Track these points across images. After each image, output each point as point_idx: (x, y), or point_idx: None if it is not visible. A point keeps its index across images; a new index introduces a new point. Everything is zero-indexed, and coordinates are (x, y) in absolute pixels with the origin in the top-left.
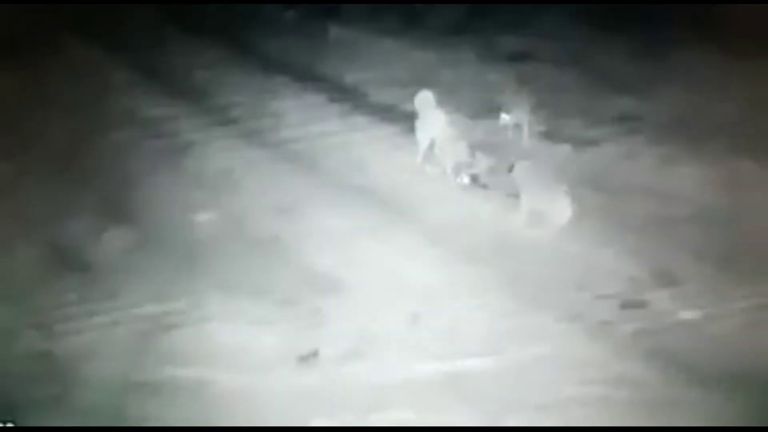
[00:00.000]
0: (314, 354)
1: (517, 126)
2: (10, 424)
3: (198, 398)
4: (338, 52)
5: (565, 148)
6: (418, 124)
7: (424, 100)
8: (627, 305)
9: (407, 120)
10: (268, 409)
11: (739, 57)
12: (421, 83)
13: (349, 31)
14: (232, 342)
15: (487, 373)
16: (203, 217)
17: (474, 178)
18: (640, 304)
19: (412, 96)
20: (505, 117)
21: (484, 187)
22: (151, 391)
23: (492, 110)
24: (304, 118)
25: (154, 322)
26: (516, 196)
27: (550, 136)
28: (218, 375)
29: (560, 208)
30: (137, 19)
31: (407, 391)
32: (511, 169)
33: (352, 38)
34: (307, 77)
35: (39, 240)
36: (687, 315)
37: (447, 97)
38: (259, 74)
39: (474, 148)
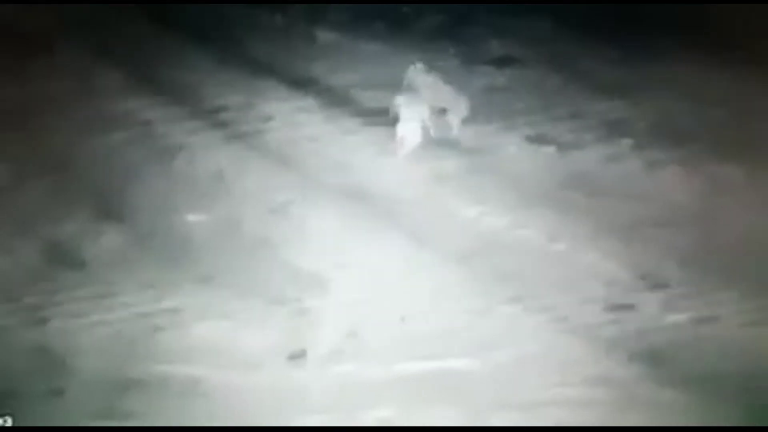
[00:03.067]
0: (302, 353)
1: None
2: (8, 418)
3: (188, 395)
4: (326, 55)
5: (549, 151)
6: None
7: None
8: (612, 307)
9: (392, 122)
10: (257, 406)
11: (726, 62)
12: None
13: (337, 35)
14: (221, 340)
15: (472, 373)
16: (194, 218)
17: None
18: (625, 306)
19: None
20: None
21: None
22: (142, 388)
23: (477, 114)
24: (292, 121)
25: (146, 319)
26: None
27: (535, 139)
28: (208, 372)
29: None
30: (128, 22)
31: (394, 390)
32: None
33: (339, 42)
34: (295, 80)
35: (35, 239)
36: (672, 317)
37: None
38: (248, 77)
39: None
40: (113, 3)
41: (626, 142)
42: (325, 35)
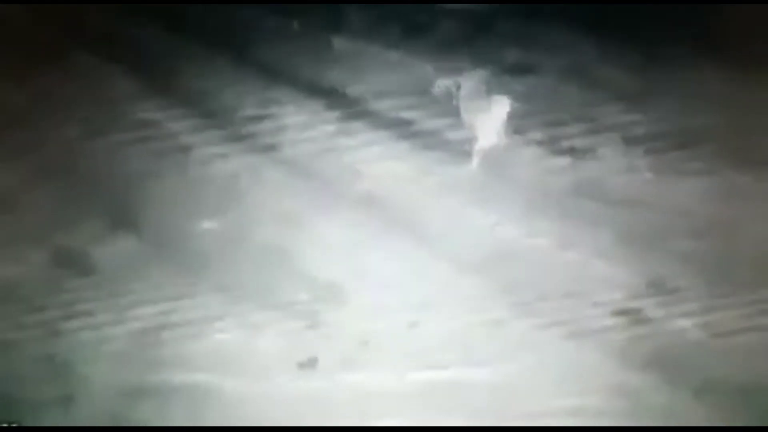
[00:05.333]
0: (313, 361)
1: None
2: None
3: (198, 402)
4: (340, 62)
5: (564, 159)
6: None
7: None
8: (623, 314)
9: (407, 130)
10: (267, 414)
11: (740, 71)
12: (422, 94)
13: (351, 42)
14: (232, 348)
15: (483, 382)
16: (206, 224)
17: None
18: (636, 314)
19: (412, 107)
20: None
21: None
22: (152, 395)
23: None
24: (306, 127)
25: (156, 326)
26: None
27: (549, 147)
28: (218, 380)
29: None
30: (142, 28)
31: (404, 399)
32: None
33: (353, 49)
34: (310, 87)
35: (45, 245)
36: (682, 324)
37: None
38: (263, 84)
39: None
40: (127, 7)
41: (641, 150)
42: (341, 43)
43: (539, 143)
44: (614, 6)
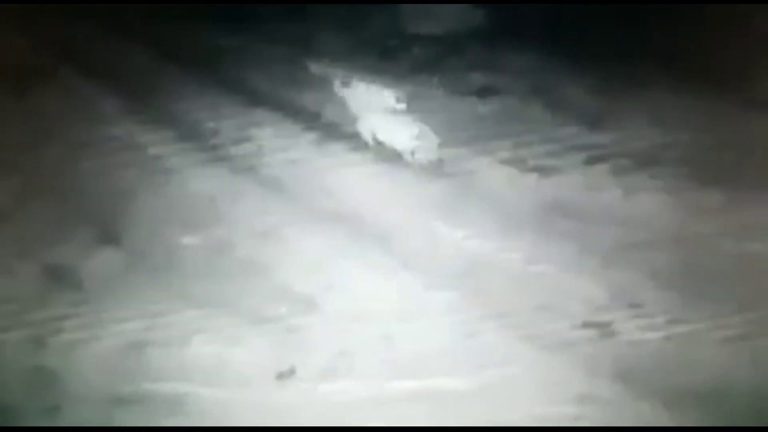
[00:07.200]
0: (291, 371)
1: None
2: None
3: (179, 413)
4: (316, 86)
5: (531, 177)
6: None
7: None
8: (592, 326)
9: (381, 150)
10: (247, 423)
11: (702, 92)
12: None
13: (327, 67)
14: (213, 359)
15: (457, 392)
16: (188, 240)
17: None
18: (604, 326)
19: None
20: None
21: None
22: (135, 405)
23: (461, 142)
24: (283, 147)
25: (140, 338)
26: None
27: (517, 165)
28: (199, 390)
29: None
30: (129, 51)
31: (380, 408)
32: None
33: (330, 73)
34: (287, 109)
35: (34, 260)
36: (649, 336)
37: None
38: (242, 105)
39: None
40: (113, 32)
41: (605, 168)
42: (316, 67)
43: (507, 162)
44: (576, 29)
